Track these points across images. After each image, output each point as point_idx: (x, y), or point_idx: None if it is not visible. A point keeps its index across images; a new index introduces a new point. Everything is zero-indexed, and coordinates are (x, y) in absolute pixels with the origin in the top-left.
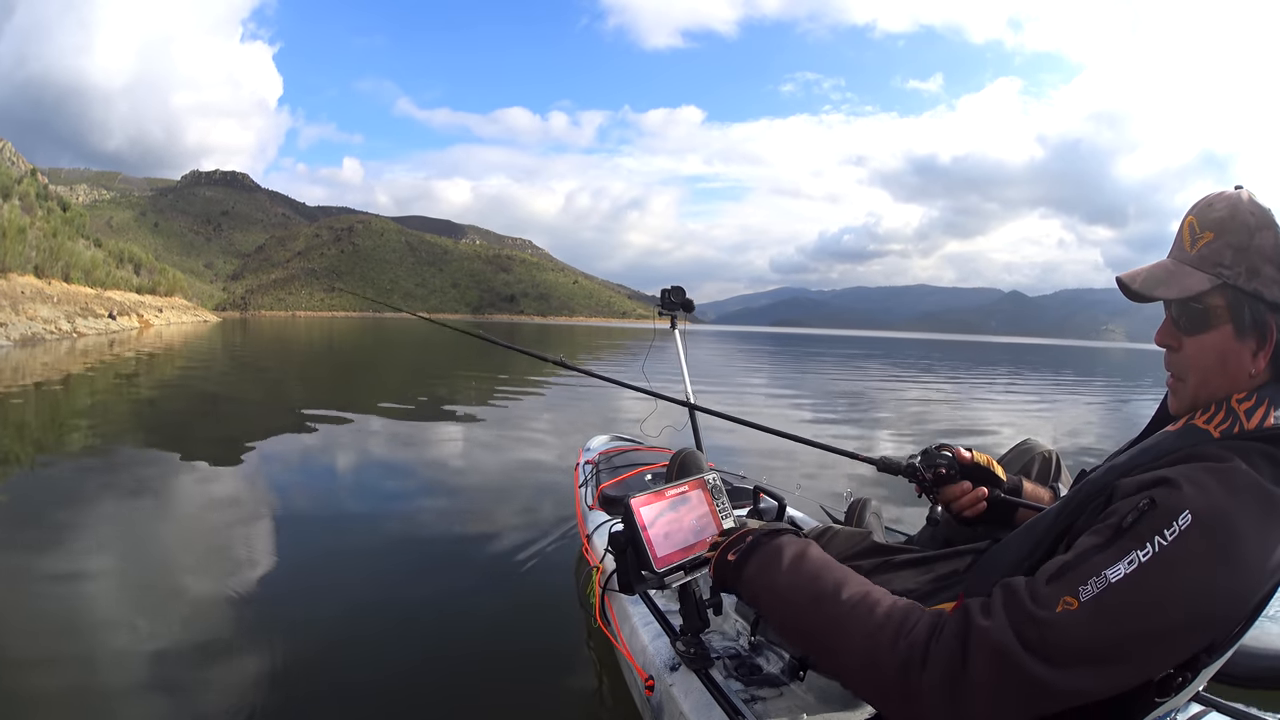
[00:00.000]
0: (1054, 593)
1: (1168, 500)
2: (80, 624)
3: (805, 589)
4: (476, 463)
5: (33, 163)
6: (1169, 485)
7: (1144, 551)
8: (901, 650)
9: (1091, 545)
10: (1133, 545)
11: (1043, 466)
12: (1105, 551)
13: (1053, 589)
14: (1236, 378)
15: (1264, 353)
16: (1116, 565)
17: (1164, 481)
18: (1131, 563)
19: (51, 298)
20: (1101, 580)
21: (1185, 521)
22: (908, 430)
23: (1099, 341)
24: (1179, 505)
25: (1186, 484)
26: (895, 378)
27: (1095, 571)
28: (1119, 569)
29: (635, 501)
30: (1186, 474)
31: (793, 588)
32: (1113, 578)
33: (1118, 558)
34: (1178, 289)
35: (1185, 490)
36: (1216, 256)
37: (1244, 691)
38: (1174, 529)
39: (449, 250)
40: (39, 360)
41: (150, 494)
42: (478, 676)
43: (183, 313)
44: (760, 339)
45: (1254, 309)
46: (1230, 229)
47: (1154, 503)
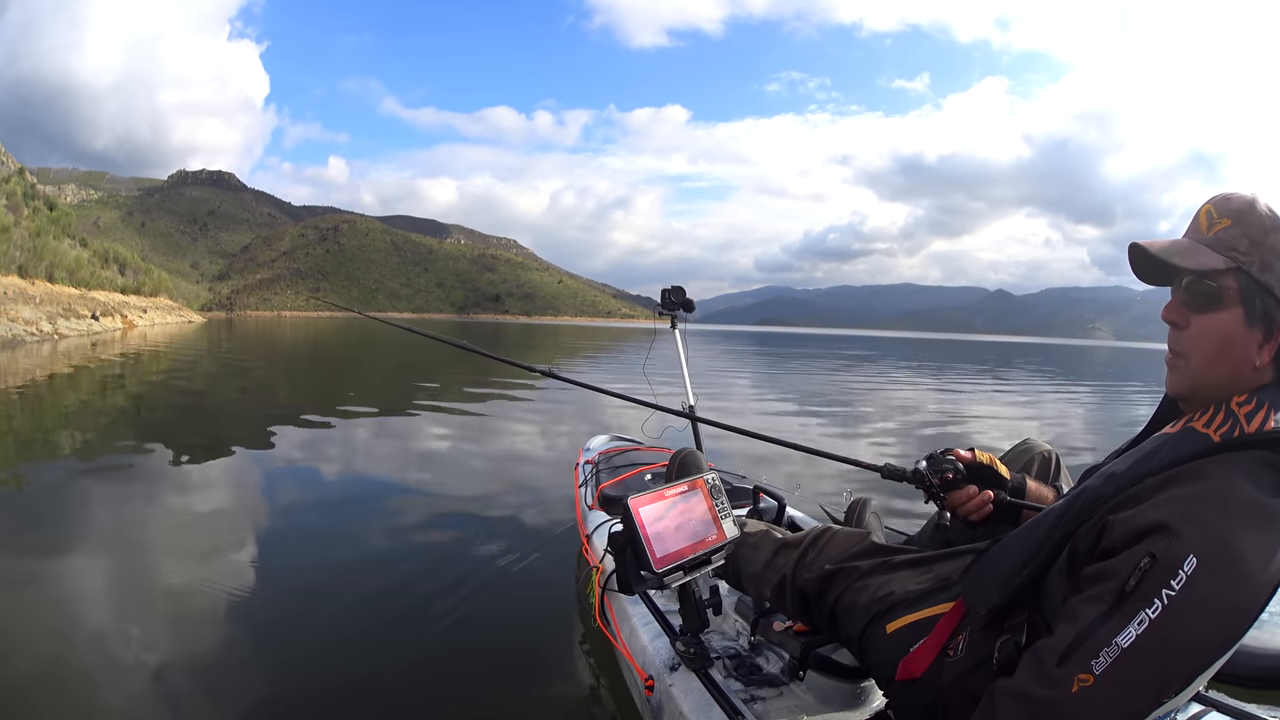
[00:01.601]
0: (1066, 674)
1: (1168, 552)
2: (69, 626)
3: None
4: (473, 462)
5: (21, 162)
6: (1166, 534)
7: (1152, 609)
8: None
9: (1095, 615)
10: (1140, 606)
11: (1042, 466)
12: (1112, 619)
13: (1065, 670)
14: (1240, 364)
15: (1269, 346)
16: (1126, 629)
17: (1159, 529)
18: (1141, 623)
19: (34, 298)
20: (1114, 649)
21: (1190, 566)
22: (905, 428)
23: (1086, 340)
24: (1181, 553)
25: (1184, 526)
26: (885, 376)
27: (1106, 642)
28: (1129, 633)
29: (635, 501)
30: (1180, 512)
31: None
32: (1125, 644)
33: (1126, 622)
34: (1194, 262)
35: (1185, 535)
36: (1233, 242)
37: (1244, 691)
38: (1180, 577)
39: (434, 250)
40: (20, 364)
41: (134, 500)
42: (477, 676)
43: (167, 313)
44: (745, 338)
45: (1264, 300)
46: (1248, 220)
47: (1155, 559)
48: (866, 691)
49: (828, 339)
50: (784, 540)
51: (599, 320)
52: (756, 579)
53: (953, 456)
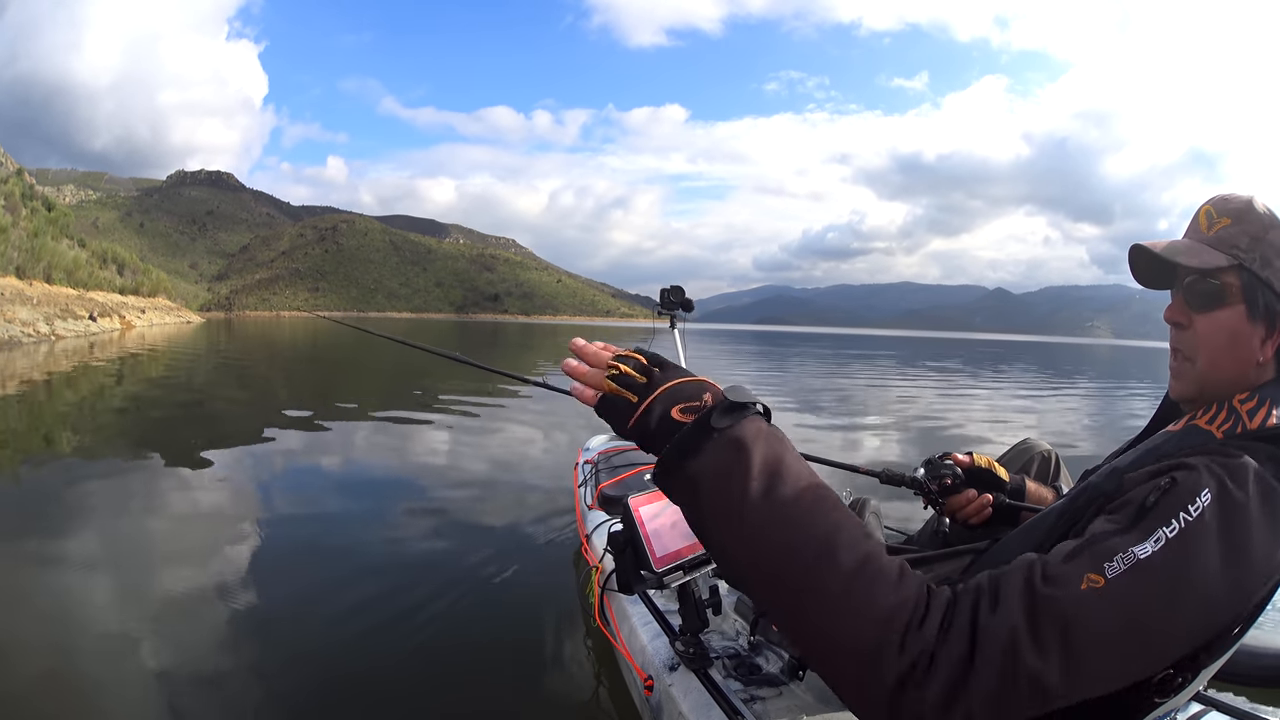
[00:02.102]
0: (1075, 570)
1: (1188, 479)
2: (67, 628)
3: (780, 523)
4: (471, 462)
5: (20, 163)
6: (1186, 468)
7: (1170, 529)
8: (911, 652)
9: (1111, 529)
10: (1158, 524)
11: (1042, 466)
12: (1130, 532)
13: (1073, 566)
14: (1245, 361)
15: (1271, 341)
16: (1144, 544)
17: (1181, 465)
18: (1159, 540)
19: (31, 299)
20: (1130, 557)
21: (1206, 499)
22: (903, 427)
23: (1085, 338)
24: (1199, 483)
25: (1203, 468)
26: (886, 375)
27: (1122, 549)
28: (1146, 547)
29: (634, 501)
30: (1201, 461)
31: (762, 519)
32: (1141, 555)
33: (1144, 536)
34: (1197, 260)
35: (1203, 472)
36: (1233, 240)
37: (1244, 691)
38: (1197, 505)
39: (433, 249)
40: (17, 365)
41: (133, 501)
42: (477, 676)
43: (166, 314)
44: (745, 337)
45: (1266, 296)
46: (1247, 219)
47: (1175, 481)
48: None
49: (827, 338)
50: None
51: (598, 320)
52: None
53: (950, 461)
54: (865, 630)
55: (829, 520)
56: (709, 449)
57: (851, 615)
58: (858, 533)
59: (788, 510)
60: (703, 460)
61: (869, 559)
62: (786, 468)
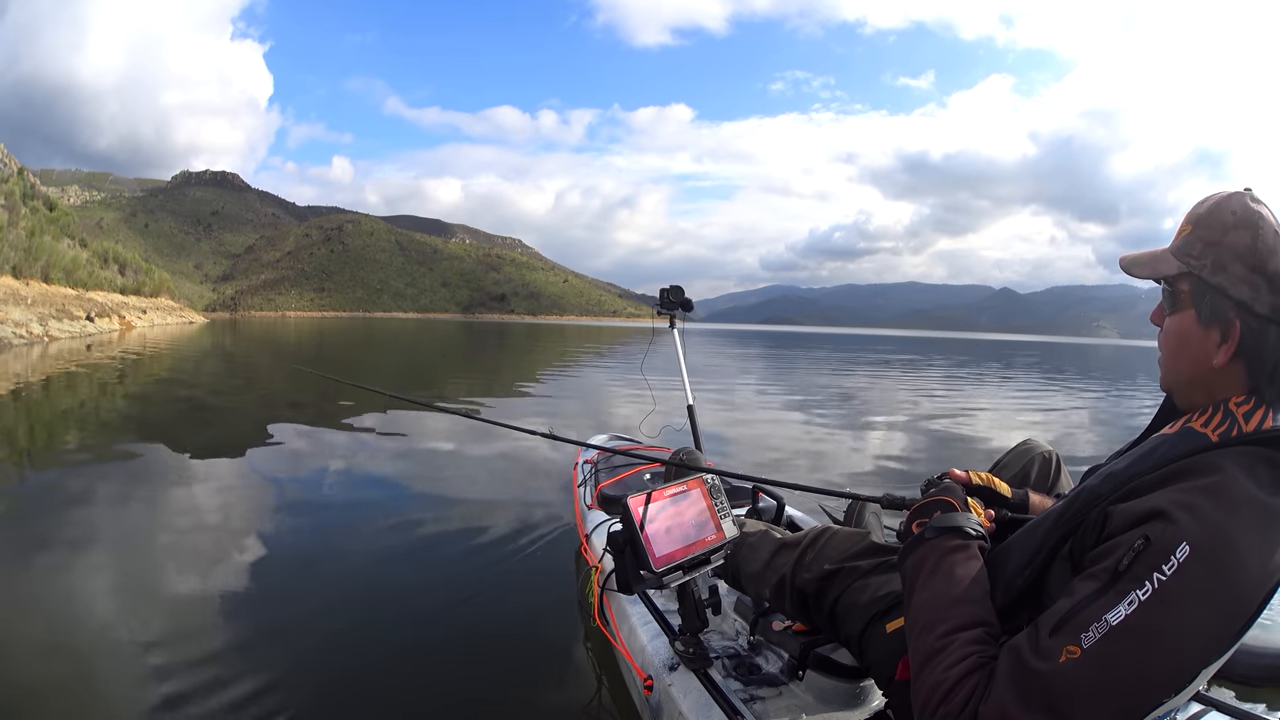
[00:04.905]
0: (1056, 644)
1: (1163, 536)
2: (67, 629)
3: (926, 608)
4: (472, 461)
5: (24, 163)
6: (1163, 519)
7: (1143, 590)
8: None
9: (1089, 591)
10: (1131, 586)
11: (1042, 467)
12: (1104, 596)
13: (1055, 641)
14: (1198, 363)
15: (1226, 347)
16: (1116, 608)
17: (1157, 515)
18: (1131, 603)
19: (26, 299)
20: (1103, 625)
21: (1183, 554)
22: (910, 428)
23: (1091, 338)
24: (1175, 539)
25: (1180, 513)
26: (893, 374)
27: (1096, 617)
28: (1119, 611)
29: (634, 501)
30: (1179, 501)
31: (921, 602)
32: (1113, 621)
33: (1117, 600)
34: (1150, 270)
35: (1180, 522)
36: (1189, 248)
37: (1244, 691)
38: (1172, 563)
39: (439, 249)
40: (10, 368)
41: (131, 502)
42: (476, 676)
43: (168, 314)
44: (751, 337)
45: (1215, 301)
46: (1205, 224)
47: (1149, 541)
48: (866, 691)
49: (834, 338)
50: (783, 540)
51: (604, 320)
52: (755, 579)
53: (949, 480)
54: (920, 689)
55: (938, 610)
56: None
57: (919, 673)
58: (955, 623)
59: (917, 596)
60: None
61: (949, 645)
62: (944, 573)
